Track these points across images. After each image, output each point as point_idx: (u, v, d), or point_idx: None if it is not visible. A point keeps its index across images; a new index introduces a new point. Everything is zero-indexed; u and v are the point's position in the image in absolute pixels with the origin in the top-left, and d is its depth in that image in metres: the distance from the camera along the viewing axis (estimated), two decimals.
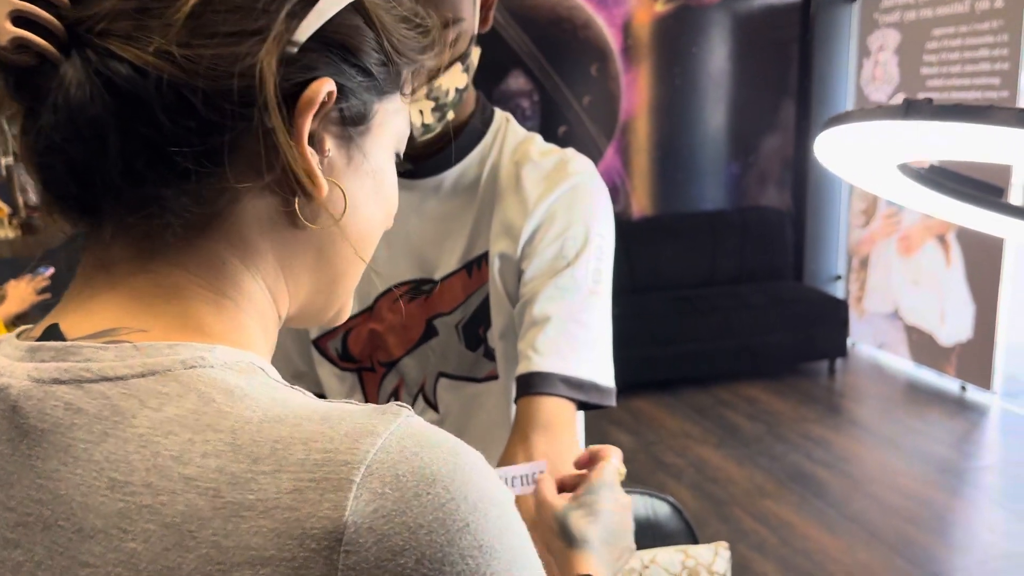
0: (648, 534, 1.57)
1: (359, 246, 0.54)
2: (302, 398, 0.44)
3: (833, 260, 5.49)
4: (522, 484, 0.80)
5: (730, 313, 4.72)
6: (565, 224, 0.93)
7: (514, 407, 0.91)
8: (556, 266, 0.92)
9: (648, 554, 1.50)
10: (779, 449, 3.85)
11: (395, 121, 0.53)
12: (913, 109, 0.75)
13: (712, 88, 5.09)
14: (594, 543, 0.71)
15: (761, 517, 3.24)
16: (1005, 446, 4.01)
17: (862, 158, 0.96)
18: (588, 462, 0.80)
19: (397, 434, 0.40)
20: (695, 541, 1.56)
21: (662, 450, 3.88)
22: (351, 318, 1.05)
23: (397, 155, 0.56)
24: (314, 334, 1.07)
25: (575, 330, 0.89)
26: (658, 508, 1.59)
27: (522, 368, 0.88)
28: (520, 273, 0.95)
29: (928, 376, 4.73)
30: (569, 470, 0.84)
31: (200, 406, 0.42)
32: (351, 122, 0.50)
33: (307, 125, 0.47)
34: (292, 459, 0.39)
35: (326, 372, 1.09)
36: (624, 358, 0.89)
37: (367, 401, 1.08)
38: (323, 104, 0.47)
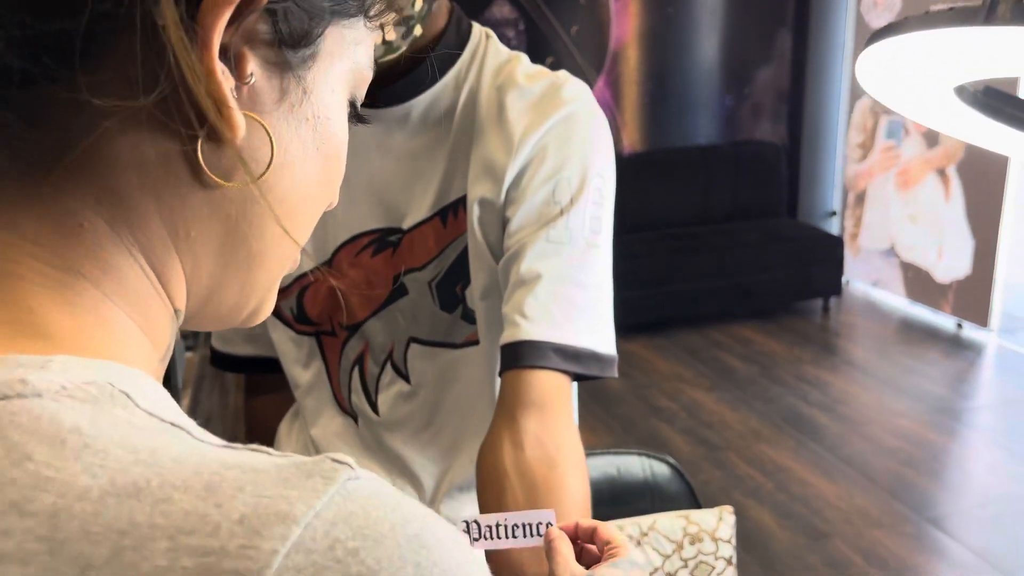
0: (647, 498, 1.45)
1: (287, 218, 0.39)
2: (183, 445, 0.29)
3: (828, 196, 5.34)
4: (525, 535, 0.67)
5: (723, 251, 4.58)
6: (558, 163, 0.78)
7: (498, 379, 0.77)
8: (547, 214, 0.77)
9: (647, 520, 1.39)
10: (774, 391, 3.76)
11: (353, 54, 0.40)
12: (996, 12, 0.59)
13: (706, 17, 4.85)
14: None
15: (756, 462, 3.16)
16: (1002, 385, 3.94)
17: (910, 78, 0.80)
18: (576, 537, 0.67)
19: (326, 517, 0.26)
20: (698, 505, 1.44)
21: (654, 394, 3.78)
22: (307, 273, 0.90)
23: (352, 103, 0.41)
24: None
25: (570, 291, 0.74)
26: (657, 469, 1.47)
27: (508, 336, 0.74)
28: (504, 222, 0.79)
29: (923, 314, 4.64)
30: (567, 461, 0.70)
31: (5, 468, 0.27)
32: (289, 42, 0.35)
33: (218, 27, 0.32)
34: (145, 568, 0.24)
35: (281, 335, 0.94)
36: (614, 300, 0.75)
37: (328, 371, 0.94)
38: (246, 2, 0.32)
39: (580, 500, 0.69)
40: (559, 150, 0.78)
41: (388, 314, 0.88)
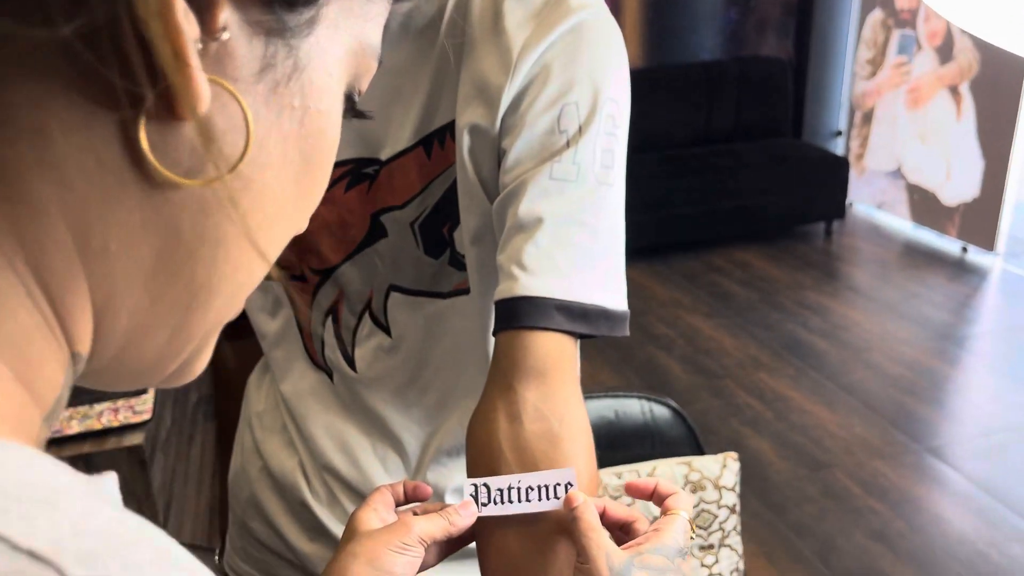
0: (647, 443, 1.37)
1: (257, 233, 0.29)
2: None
3: (835, 114, 5.17)
4: (541, 497, 0.59)
5: (724, 173, 4.44)
6: (564, 84, 0.65)
7: (492, 338, 0.66)
8: (551, 145, 0.65)
9: (646, 466, 1.31)
10: (774, 318, 3.69)
11: (361, 30, 0.31)
12: None
13: None
14: None
15: (755, 390, 3.10)
16: (1007, 310, 3.87)
17: None
18: (650, 496, 0.61)
19: None
20: (700, 451, 1.36)
21: (652, 321, 3.70)
22: None
23: (349, 96, 0.33)
24: None
25: (577, 236, 0.63)
26: (658, 413, 1.39)
27: (504, 291, 0.63)
28: (500, 155, 0.67)
29: (928, 237, 4.54)
30: (572, 437, 0.60)
31: None
32: (284, 2, 0.27)
33: None
34: None
35: None
36: None
37: (298, 321, 0.84)
38: None
39: (586, 481, 0.60)
40: (565, 68, 0.65)
41: (365, 258, 0.77)
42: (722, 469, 1.30)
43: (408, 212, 0.74)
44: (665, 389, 3.11)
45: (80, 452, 1.53)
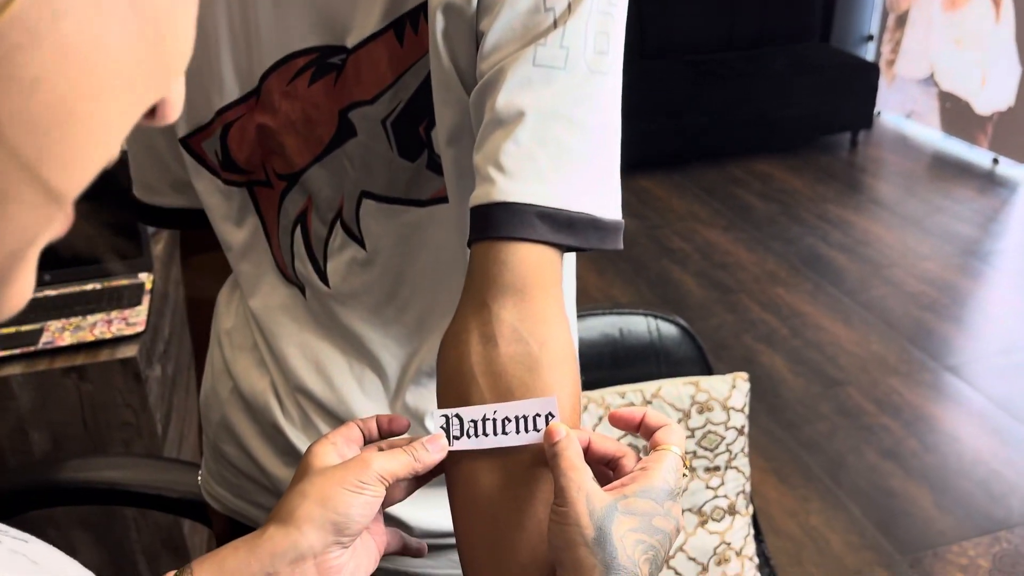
0: (652, 362, 1.31)
1: (38, 136, 0.20)
2: None
3: (866, 17, 4.90)
4: (519, 430, 0.52)
5: (747, 80, 4.25)
6: None
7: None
8: (535, 26, 0.56)
9: (651, 386, 1.25)
10: (794, 231, 3.58)
11: None
12: None
13: None
14: None
15: (771, 306, 3.03)
16: None
17: None
18: (637, 429, 0.55)
19: None
20: (709, 370, 1.30)
21: (667, 234, 3.61)
22: (229, 107, 0.69)
23: None
24: (182, 129, 0.73)
25: (563, 133, 0.54)
26: (664, 330, 1.32)
27: (480, 196, 0.55)
28: (478, 38, 0.58)
29: (958, 148, 4.36)
30: (553, 362, 0.53)
31: None
32: None
33: None
34: None
35: (206, 186, 0.76)
36: (627, 132, 0.55)
37: (266, 230, 0.76)
38: None
39: (568, 412, 0.53)
40: None
41: (334, 161, 0.69)
42: (731, 390, 1.24)
43: (379, 108, 0.66)
44: (678, 304, 3.04)
45: (73, 364, 1.50)
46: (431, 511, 0.74)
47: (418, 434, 0.56)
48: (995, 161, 4.15)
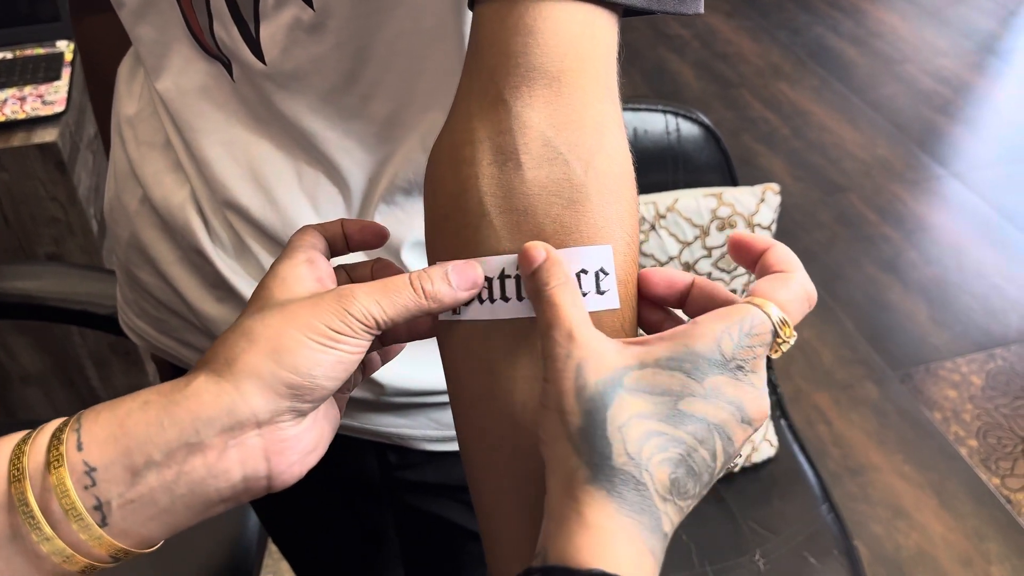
0: (669, 168, 1.11)
1: None
2: None
3: None
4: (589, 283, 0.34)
5: None
6: None
7: (468, 11, 0.37)
8: None
9: (666, 198, 1.07)
10: (801, 20, 3.26)
11: None
12: None
13: None
14: (649, 488, 0.29)
15: (773, 103, 2.80)
16: None
17: None
18: (753, 264, 0.36)
19: None
20: (733, 181, 1.11)
21: (665, 19, 3.26)
22: None
23: None
24: None
25: None
26: (685, 131, 1.12)
27: None
28: None
29: None
30: (604, 188, 0.35)
31: None
32: None
33: None
34: None
35: None
36: None
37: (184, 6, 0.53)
38: None
39: (625, 266, 0.35)
40: None
41: None
42: (759, 204, 1.06)
43: None
44: (674, 98, 2.79)
45: None
46: (407, 365, 0.57)
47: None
48: None
